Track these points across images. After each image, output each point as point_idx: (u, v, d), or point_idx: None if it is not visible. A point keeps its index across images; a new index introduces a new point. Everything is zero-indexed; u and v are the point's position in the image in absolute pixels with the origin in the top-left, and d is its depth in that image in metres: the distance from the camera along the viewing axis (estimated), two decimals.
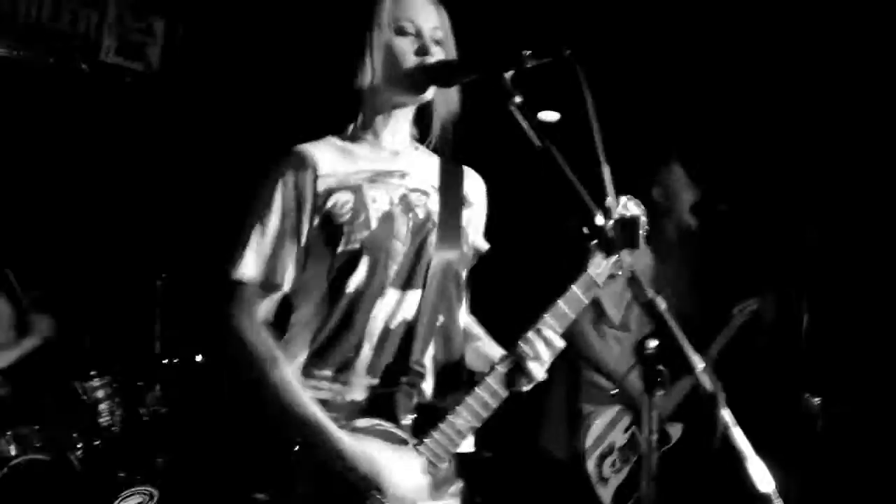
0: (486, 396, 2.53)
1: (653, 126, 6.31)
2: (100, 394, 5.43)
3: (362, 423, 2.51)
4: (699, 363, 1.92)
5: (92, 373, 5.40)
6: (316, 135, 2.71)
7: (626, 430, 4.79)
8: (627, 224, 2.06)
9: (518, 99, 2.18)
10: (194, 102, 6.93)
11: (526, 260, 5.27)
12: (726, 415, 1.90)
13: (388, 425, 2.52)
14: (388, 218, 2.57)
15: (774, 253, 5.79)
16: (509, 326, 2.67)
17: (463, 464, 2.66)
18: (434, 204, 2.67)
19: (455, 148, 2.82)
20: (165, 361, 5.83)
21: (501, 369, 2.54)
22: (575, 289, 2.57)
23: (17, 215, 5.98)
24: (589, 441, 4.70)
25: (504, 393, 2.54)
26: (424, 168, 2.75)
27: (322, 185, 2.58)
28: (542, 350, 2.52)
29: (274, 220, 2.59)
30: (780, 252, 5.76)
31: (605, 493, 4.70)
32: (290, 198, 2.59)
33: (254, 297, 2.59)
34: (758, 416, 5.40)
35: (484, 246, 2.90)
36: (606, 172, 1.99)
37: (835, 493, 5.23)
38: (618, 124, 6.50)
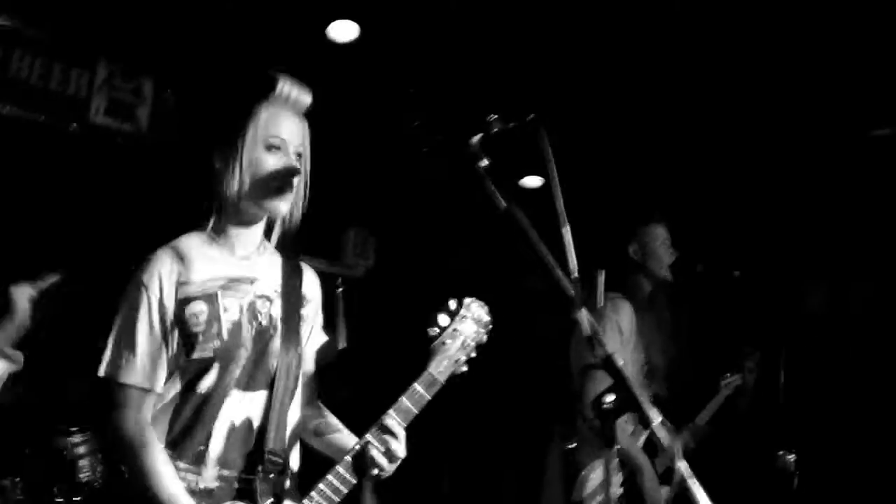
0: (337, 483, 2.72)
1: (642, 186, 6.40)
2: (81, 449, 5.41)
3: None
4: (656, 417, 1.97)
5: (73, 429, 5.40)
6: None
7: (623, 483, 4.76)
8: (584, 284, 2.13)
9: (485, 162, 2.26)
10: (182, 165, 6.94)
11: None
12: (683, 466, 1.95)
13: None
14: (237, 327, 2.79)
15: (759, 313, 5.86)
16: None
17: None
18: (277, 309, 2.90)
19: (295, 247, 3.06)
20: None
21: (349, 458, 2.73)
22: (417, 387, 2.80)
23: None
24: (586, 493, 4.71)
25: (353, 479, 2.73)
26: (270, 271, 2.98)
27: (182, 293, 2.78)
28: (387, 440, 2.74)
29: (143, 326, 2.77)
30: (764, 312, 5.83)
31: None
32: (156, 304, 2.77)
33: (132, 400, 2.76)
34: (735, 474, 5.47)
35: (322, 339, 3.14)
36: (567, 234, 2.05)
37: None
38: (607, 182, 6.64)
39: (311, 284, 3.12)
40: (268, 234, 3.05)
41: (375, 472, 2.75)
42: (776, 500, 5.06)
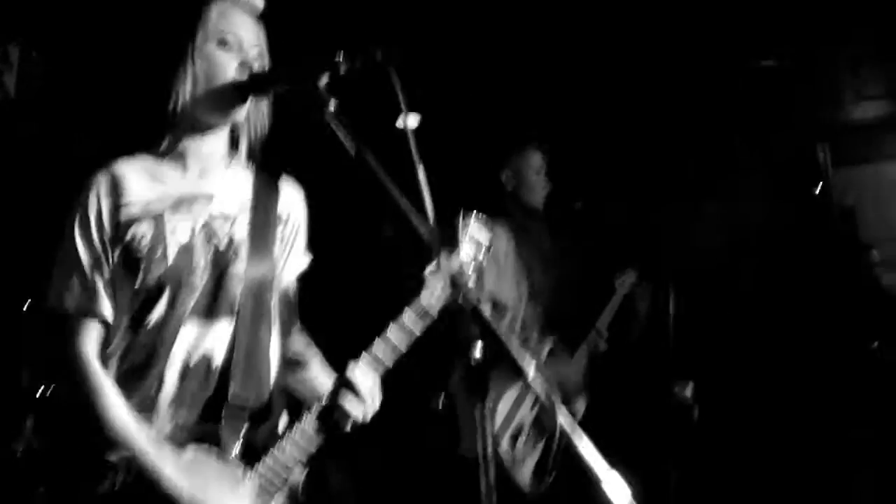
0: (310, 431, 2.47)
1: (518, 114, 6.27)
2: None
3: (190, 454, 2.43)
4: (531, 370, 1.85)
5: None
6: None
7: (533, 406, 4.67)
8: (446, 226, 1.99)
9: (332, 106, 2.10)
10: (52, 129, 6.72)
11: (346, 272, 5.17)
12: (564, 420, 1.84)
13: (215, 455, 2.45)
14: (186, 250, 2.51)
15: (643, 243, 5.82)
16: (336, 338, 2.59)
17: None
18: (240, 229, 2.60)
19: (269, 160, 2.73)
20: (38, 394, 5.61)
21: (313, 413, 2.48)
22: (405, 318, 2.51)
23: None
24: (497, 424, 4.58)
25: (323, 433, 2.48)
26: (235, 187, 2.68)
27: (124, 215, 2.51)
28: (360, 390, 2.46)
29: (82, 251, 2.49)
30: (647, 242, 5.79)
31: (523, 473, 4.59)
32: (94, 226, 2.51)
33: (75, 329, 2.48)
34: (633, 410, 5.43)
35: (304, 262, 2.84)
36: (422, 175, 1.91)
37: (713, 481, 5.24)
38: (483, 109, 6.47)
39: (290, 202, 2.77)
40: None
41: (346, 426, 2.47)
42: (676, 433, 5.02)
